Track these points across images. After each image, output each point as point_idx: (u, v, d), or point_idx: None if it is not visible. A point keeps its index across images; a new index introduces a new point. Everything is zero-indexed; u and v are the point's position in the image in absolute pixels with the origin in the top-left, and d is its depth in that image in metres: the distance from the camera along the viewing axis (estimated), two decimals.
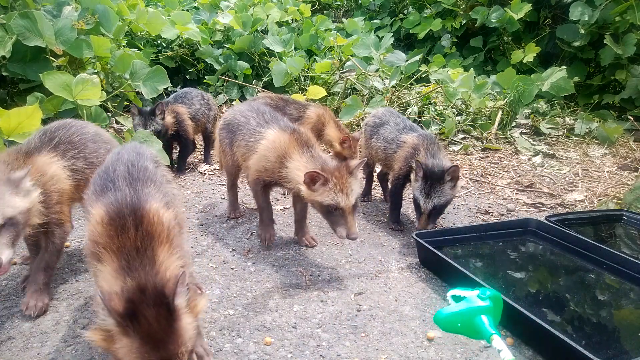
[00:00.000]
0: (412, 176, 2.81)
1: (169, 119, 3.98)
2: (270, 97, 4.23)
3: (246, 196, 3.52)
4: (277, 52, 6.16)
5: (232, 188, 3.19)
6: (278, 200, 3.54)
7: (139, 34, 5.95)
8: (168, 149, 4.13)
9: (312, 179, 2.31)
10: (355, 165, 2.36)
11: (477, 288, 1.78)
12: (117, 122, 4.62)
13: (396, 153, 3.10)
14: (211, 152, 4.42)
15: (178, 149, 4.33)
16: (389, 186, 3.32)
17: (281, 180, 2.54)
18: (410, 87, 5.46)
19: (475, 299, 1.74)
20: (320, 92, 4.70)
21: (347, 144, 4.09)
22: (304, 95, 4.76)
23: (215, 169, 4.22)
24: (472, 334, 1.75)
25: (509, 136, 5.17)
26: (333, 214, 2.31)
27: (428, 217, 2.72)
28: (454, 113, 5.26)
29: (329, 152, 4.34)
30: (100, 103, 3.62)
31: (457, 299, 1.81)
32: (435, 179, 2.67)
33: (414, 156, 2.89)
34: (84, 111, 3.63)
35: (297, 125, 2.76)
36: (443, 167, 2.69)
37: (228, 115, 3.02)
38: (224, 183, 3.76)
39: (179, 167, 4.20)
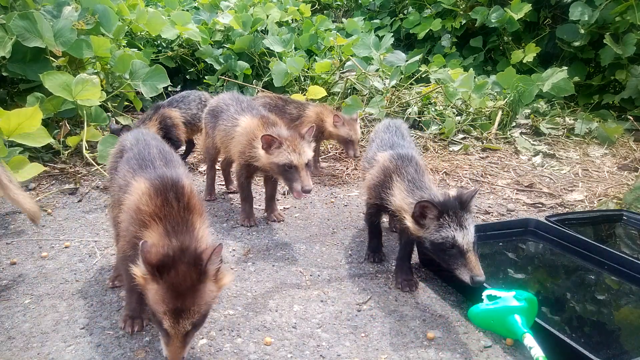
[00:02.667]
0: (410, 222, 2.05)
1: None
2: (269, 97, 4.22)
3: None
4: (277, 52, 6.16)
5: (210, 170, 3.52)
6: (278, 200, 3.53)
7: (139, 34, 5.96)
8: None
9: (268, 143, 2.64)
10: (306, 130, 2.74)
11: (514, 290, 1.82)
12: (117, 122, 4.62)
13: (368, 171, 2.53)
14: None
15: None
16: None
17: (252, 161, 2.83)
18: (410, 87, 5.46)
19: (510, 299, 1.78)
20: (320, 92, 4.70)
21: (340, 121, 3.93)
22: (304, 95, 4.76)
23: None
24: (504, 331, 1.80)
25: (509, 136, 5.17)
26: (288, 172, 2.62)
27: (476, 254, 1.95)
28: (454, 113, 5.26)
29: (330, 148, 4.33)
30: (100, 103, 3.63)
31: (491, 298, 1.84)
32: (457, 209, 1.98)
33: (384, 184, 2.27)
34: (84, 111, 3.64)
35: (267, 112, 3.06)
36: (460, 194, 2.05)
37: (214, 102, 3.38)
38: (223, 183, 3.77)
39: None
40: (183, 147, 4.35)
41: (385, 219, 3.04)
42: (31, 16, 3.56)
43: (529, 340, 1.66)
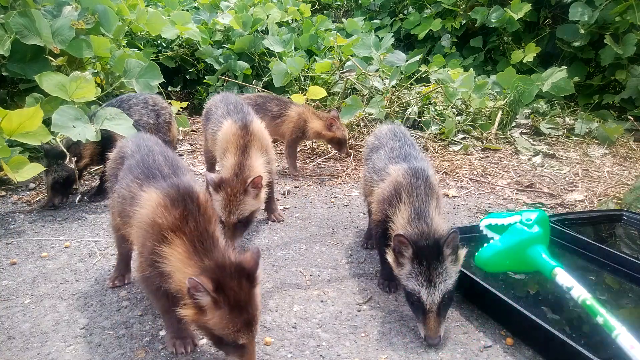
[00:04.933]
0: (391, 257, 1.95)
1: (87, 153, 3.33)
2: (248, 98, 4.24)
3: None
4: (277, 52, 6.16)
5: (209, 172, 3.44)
6: (278, 200, 3.53)
7: (139, 34, 5.95)
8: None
9: (216, 187, 2.47)
10: (251, 181, 2.45)
11: (517, 213, 1.49)
12: None
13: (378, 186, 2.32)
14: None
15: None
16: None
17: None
18: (410, 87, 5.46)
19: (519, 228, 1.46)
20: (321, 92, 4.70)
21: (336, 125, 4.14)
22: (304, 95, 4.76)
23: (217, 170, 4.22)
24: (524, 267, 1.48)
25: (509, 136, 5.17)
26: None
27: (438, 315, 1.84)
28: (454, 113, 5.26)
29: (313, 144, 4.34)
30: (95, 99, 3.60)
31: (494, 229, 1.57)
32: (433, 257, 1.84)
33: (392, 201, 2.10)
34: (84, 110, 3.62)
35: (254, 120, 2.87)
36: (439, 237, 1.88)
37: (208, 103, 3.37)
38: None
39: (101, 188, 3.50)
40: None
41: None
42: (30, 14, 3.56)
43: (563, 277, 1.29)
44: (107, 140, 3.29)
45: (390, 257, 1.95)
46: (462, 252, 1.93)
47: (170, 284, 1.60)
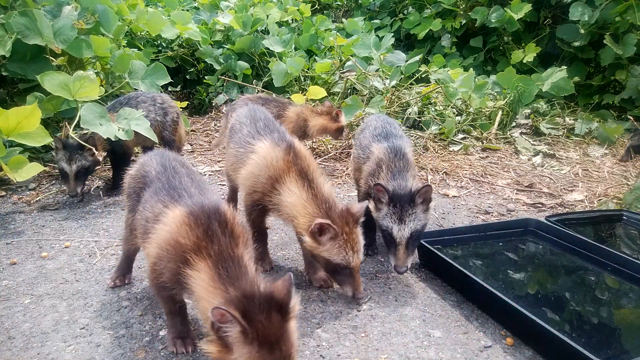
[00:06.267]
0: (372, 204, 2.30)
1: (100, 146, 3.41)
2: (248, 98, 4.23)
3: None
4: (277, 52, 6.16)
5: (231, 199, 3.16)
6: None
7: (139, 34, 5.95)
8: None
9: (320, 229, 2.00)
10: (360, 211, 2.07)
11: None
12: None
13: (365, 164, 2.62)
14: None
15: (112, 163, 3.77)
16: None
17: (271, 207, 2.25)
18: (410, 87, 5.46)
19: None
20: (321, 92, 4.70)
21: (341, 114, 4.24)
22: (304, 95, 4.76)
23: (215, 170, 4.22)
24: None
25: (509, 136, 5.17)
26: (339, 272, 2.06)
27: (406, 248, 2.21)
28: (454, 113, 5.26)
29: (314, 140, 4.33)
30: (98, 99, 3.61)
31: None
32: (405, 202, 2.21)
33: (375, 174, 2.43)
34: None
35: (293, 138, 2.39)
36: (413, 188, 2.24)
37: (233, 118, 2.78)
38: (224, 183, 3.76)
39: (115, 183, 3.60)
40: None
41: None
42: (31, 14, 3.56)
43: None
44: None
45: (371, 205, 2.29)
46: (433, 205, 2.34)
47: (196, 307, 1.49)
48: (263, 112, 2.67)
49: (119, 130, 3.30)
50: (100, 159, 3.35)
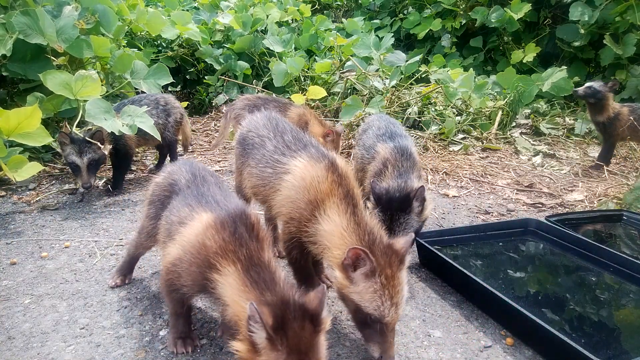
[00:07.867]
0: (369, 204, 2.28)
1: (107, 140, 3.43)
2: (247, 99, 4.21)
3: None
4: (277, 52, 6.16)
5: None
6: None
7: (139, 34, 5.95)
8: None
9: (355, 260, 1.60)
10: (405, 247, 1.65)
11: None
12: None
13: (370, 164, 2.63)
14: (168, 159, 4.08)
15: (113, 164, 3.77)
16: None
17: (307, 240, 1.85)
18: (410, 87, 5.46)
19: None
20: (320, 92, 4.70)
21: (331, 137, 4.09)
22: (304, 95, 4.76)
23: (215, 170, 4.22)
24: None
25: (509, 136, 5.17)
26: (369, 325, 1.63)
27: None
28: (454, 113, 5.26)
29: None
30: (100, 98, 3.62)
31: None
32: (396, 208, 2.13)
33: (381, 173, 2.45)
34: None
35: (333, 153, 2.03)
36: (407, 190, 2.18)
37: (244, 127, 2.34)
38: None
39: (115, 183, 3.68)
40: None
41: None
42: (33, 13, 3.56)
43: None
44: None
45: (369, 204, 2.34)
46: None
47: (225, 315, 1.46)
48: (284, 121, 2.28)
49: (122, 125, 3.32)
50: (106, 152, 3.38)
